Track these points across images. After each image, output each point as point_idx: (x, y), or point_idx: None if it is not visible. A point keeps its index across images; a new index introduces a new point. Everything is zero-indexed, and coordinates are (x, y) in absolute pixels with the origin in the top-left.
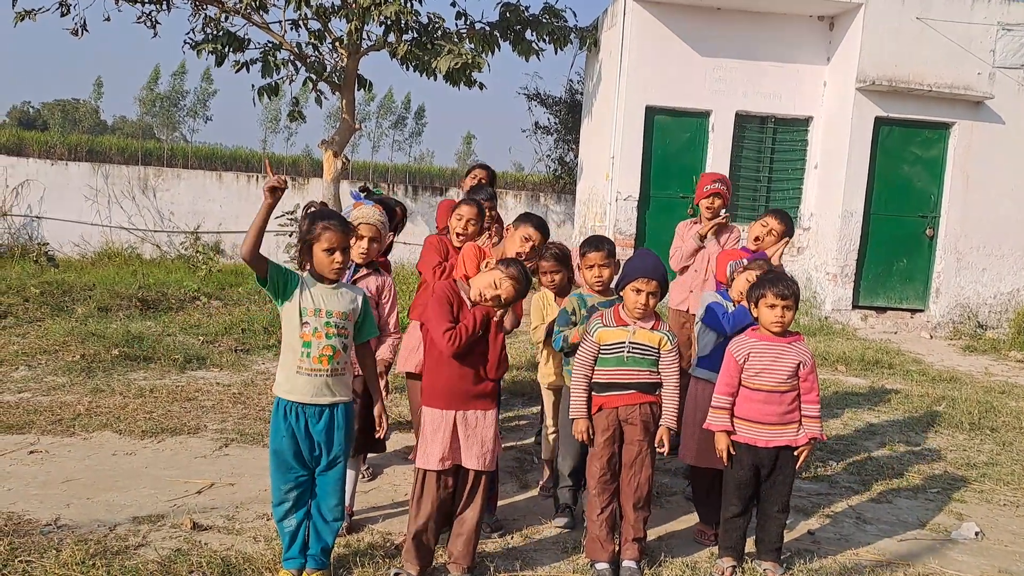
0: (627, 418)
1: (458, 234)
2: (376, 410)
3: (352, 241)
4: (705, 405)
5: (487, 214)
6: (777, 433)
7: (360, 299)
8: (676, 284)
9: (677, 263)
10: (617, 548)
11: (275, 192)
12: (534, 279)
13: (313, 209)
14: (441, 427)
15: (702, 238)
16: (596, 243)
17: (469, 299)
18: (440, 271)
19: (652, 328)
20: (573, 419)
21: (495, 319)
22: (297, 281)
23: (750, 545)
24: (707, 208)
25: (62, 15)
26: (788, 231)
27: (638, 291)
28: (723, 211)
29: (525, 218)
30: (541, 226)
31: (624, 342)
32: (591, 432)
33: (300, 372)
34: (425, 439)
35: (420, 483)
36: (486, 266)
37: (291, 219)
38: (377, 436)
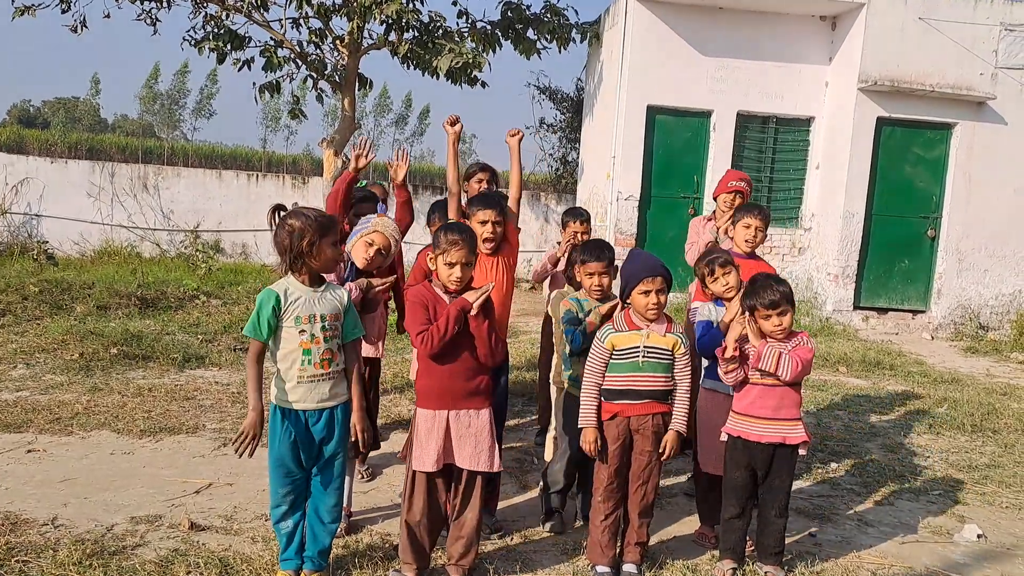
0: (638, 428)
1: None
2: (353, 418)
3: (363, 246)
4: (717, 414)
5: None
6: (768, 428)
7: (345, 298)
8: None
9: (693, 258)
10: (618, 552)
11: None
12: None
13: (283, 211)
14: (434, 428)
15: (720, 232)
16: (598, 252)
17: (447, 294)
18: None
19: (665, 331)
20: (582, 428)
21: (472, 312)
22: (275, 304)
23: (751, 547)
24: (725, 203)
25: (62, 11)
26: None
27: (646, 292)
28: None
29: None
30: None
31: (638, 346)
32: (599, 443)
33: (302, 381)
34: (419, 440)
35: (411, 482)
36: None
37: None
38: (359, 446)
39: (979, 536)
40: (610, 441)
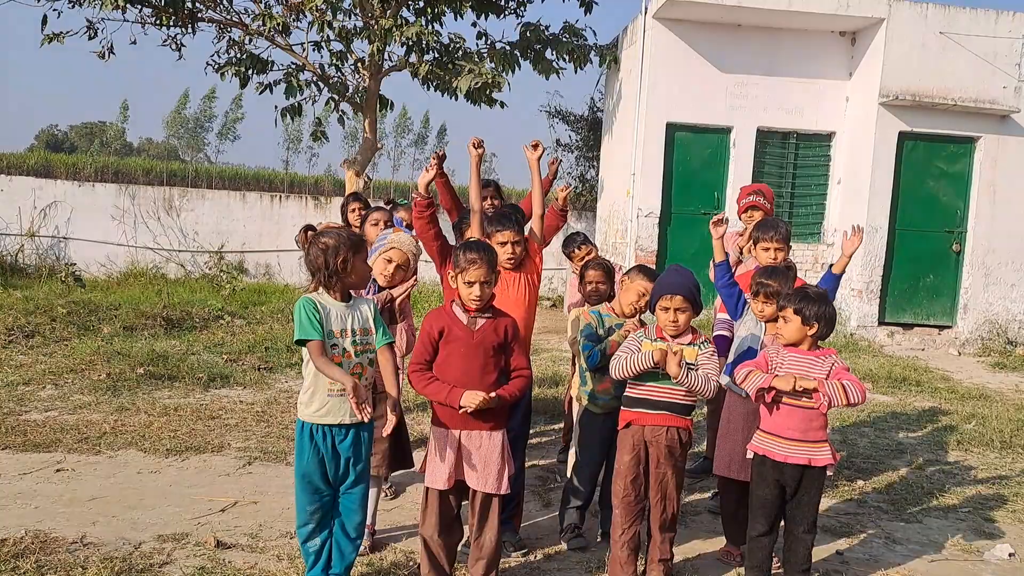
0: (652, 440)
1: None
2: (389, 403)
3: (382, 264)
4: (737, 417)
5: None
6: (795, 449)
7: (370, 307)
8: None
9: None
10: (642, 570)
11: None
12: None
13: (313, 231)
14: (446, 446)
15: (740, 251)
16: (649, 274)
17: (465, 313)
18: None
19: (689, 343)
20: (654, 358)
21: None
22: (314, 308)
23: (777, 564)
24: (747, 222)
25: (89, 38)
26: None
27: (665, 309)
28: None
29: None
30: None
31: None
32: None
33: (332, 394)
34: (432, 458)
35: (425, 498)
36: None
37: None
38: (384, 432)
39: (1011, 555)
40: (624, 451)
